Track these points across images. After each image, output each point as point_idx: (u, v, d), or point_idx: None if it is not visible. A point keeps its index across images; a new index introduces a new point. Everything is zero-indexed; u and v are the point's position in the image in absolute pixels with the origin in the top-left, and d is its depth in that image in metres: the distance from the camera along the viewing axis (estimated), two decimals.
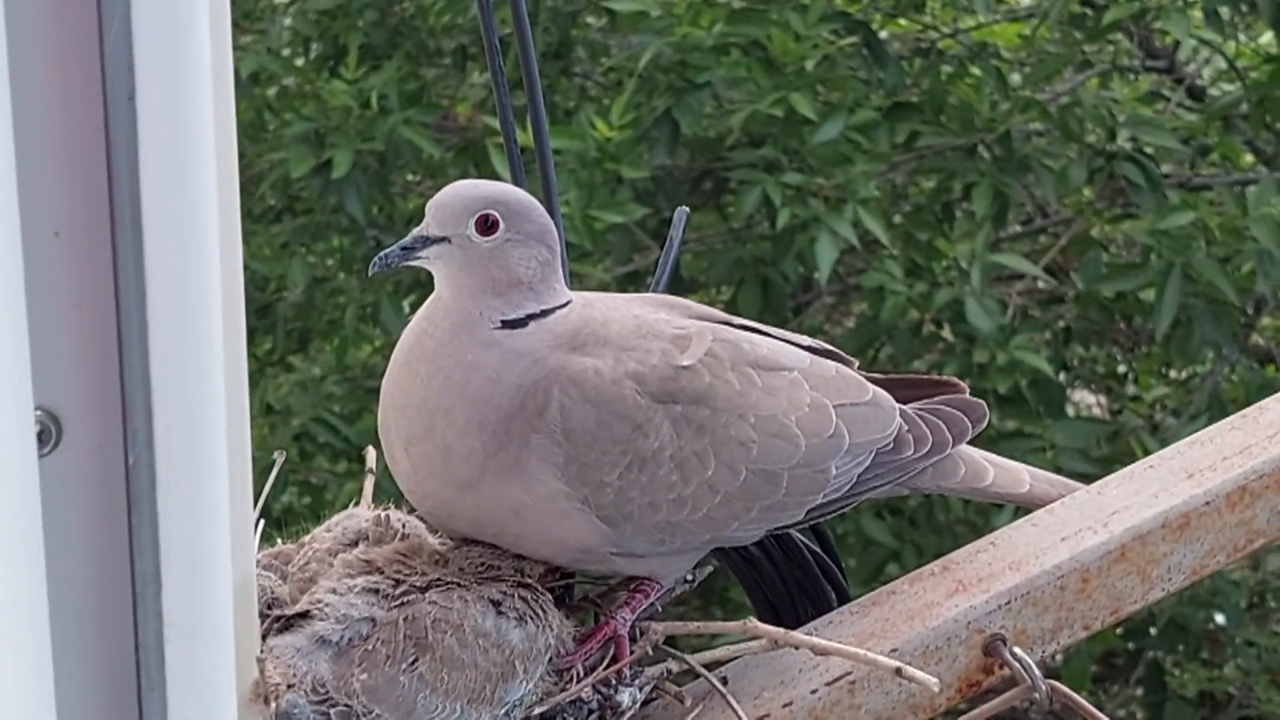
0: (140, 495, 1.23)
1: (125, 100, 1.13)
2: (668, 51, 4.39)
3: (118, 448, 1.22)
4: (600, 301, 1.65)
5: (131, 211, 1.16)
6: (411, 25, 4.60)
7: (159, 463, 1.22)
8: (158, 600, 1.23)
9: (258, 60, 4.44)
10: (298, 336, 4.76)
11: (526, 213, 1.60)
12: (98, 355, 1.21)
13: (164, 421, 1.22)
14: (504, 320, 1.58)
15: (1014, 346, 4.28)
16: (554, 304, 1.60)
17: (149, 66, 1.14)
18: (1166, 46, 4.97)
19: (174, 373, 1.21)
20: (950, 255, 4.43)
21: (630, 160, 4.39)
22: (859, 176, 4.36)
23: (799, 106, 4.35)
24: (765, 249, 4.55)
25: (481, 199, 1.58)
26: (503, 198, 1.59)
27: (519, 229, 1.59)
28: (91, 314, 1.20)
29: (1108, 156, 4.47)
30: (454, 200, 1.59)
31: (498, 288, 1.58)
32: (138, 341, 1.19)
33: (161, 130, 1.14)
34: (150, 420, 1.22)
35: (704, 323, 1.68)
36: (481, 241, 1.58)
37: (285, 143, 4.48)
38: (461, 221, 1.58)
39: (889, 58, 4.68)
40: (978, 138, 4.59)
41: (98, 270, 1.19)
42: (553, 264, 1.62)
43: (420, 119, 4.49)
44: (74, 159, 1.17)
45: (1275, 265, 4.35)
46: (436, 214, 1.59)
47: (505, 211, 1.59)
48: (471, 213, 1.58)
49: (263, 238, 4.65)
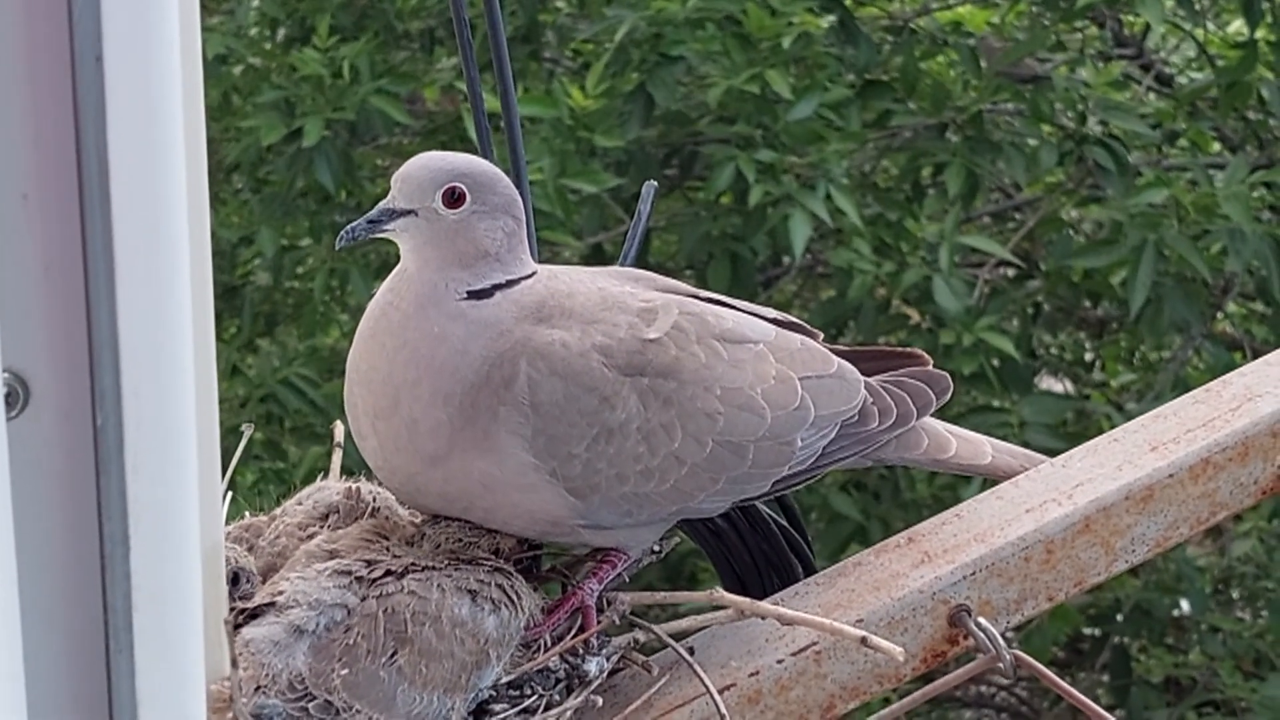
0: (108, 458, 1.23)
1: (93, 61, 1.13)
2: (642, 25, 4.39)
3: (85, 410, 1.22)
4: (565, 274, 1.66)
5: (99, 175, 1.16)
6: (379, 8, 4.60)
7: (127, 425, 1.22)
8: (126, 563, 1.23)
9: (224, 41, 4.43)
10: (264, 320, 4.75)
11: (493, 184, 1.60)
12: (66, 318, 1.21)
13: (132, 384, 1.22)
14: (469, 291, 1.58)
15: (980, 328, 4.30)
16: (519, 274, 1.61)
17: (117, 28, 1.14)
18: (1135, 34, 4.99)
19: (142, 336, 1.21)
20: (919, 235, 4.44)
21: (604, 130, 4.39)
22: (832, 155, 4.37)
23: (774, 83, 4.35)
24: (735, 225, 4.56)
25: (448, 171, 1.59)
26: (469, 170, 1.60)
27: (485, 201, 1.59)
28: (59, 277, 1.20)
29: (1078, 140, 4.49)
30: (420, 173, 1.59)
31: (464, 259, 1.58)
32: (106, 304, 1.19)
33: (129, 93, 1.14)
34: (118, 383, 1.22)
35: (670, 295, 1.69)
36: (448, 214, 1.58)
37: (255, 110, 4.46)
38: (428, 194, 1.58)
39: (862, 36, 4.69)
40: (949, 118, 4.61)
41: (66, 233, 1.19)
42: (519, 235, 1.62)
43: (393, 89, 4.48)
44: (42, 122, 1.17)
45: (1246, 244, 4.38)
46: (403, 186, 1.59)
47: (472, 184, 1.59)
48: (438, 185, 1.58)
49: (231, 206, 4.63)
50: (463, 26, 1.94)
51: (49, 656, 1.24)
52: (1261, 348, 5.14)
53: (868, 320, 4.56)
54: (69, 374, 1.21)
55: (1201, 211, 4.38)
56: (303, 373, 4.39)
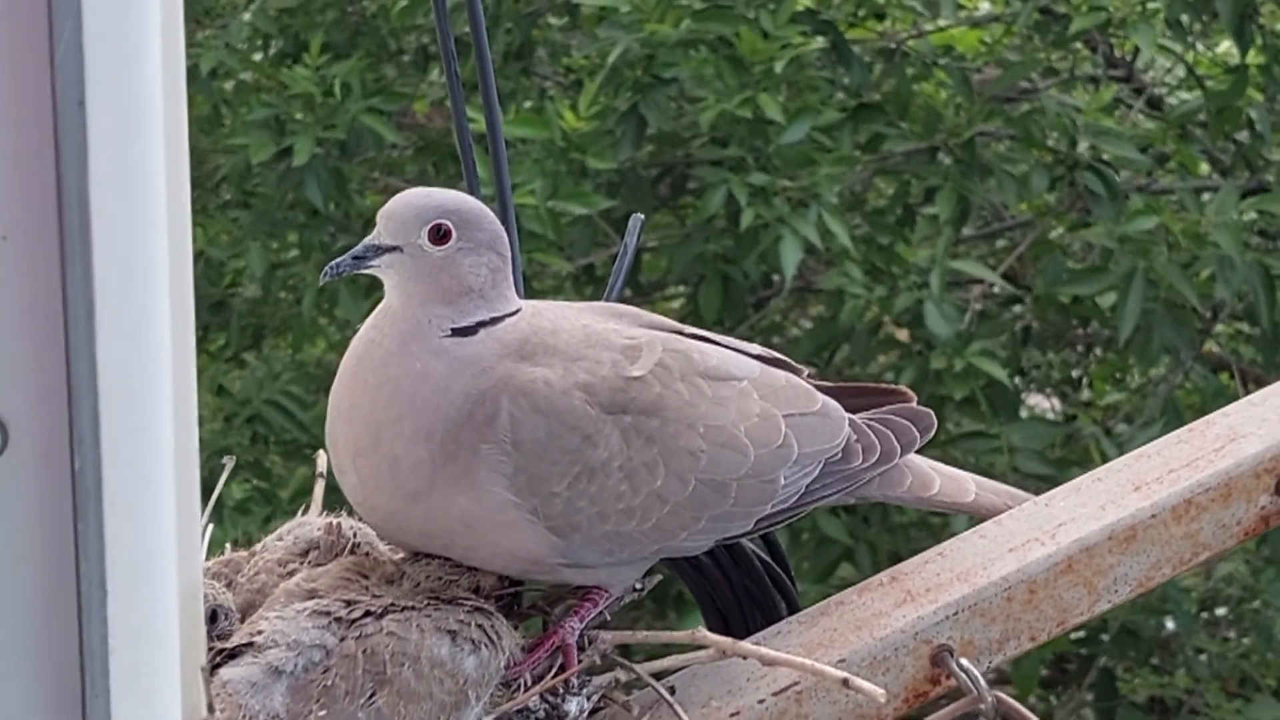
0: (86, 501, 1.23)
1: (75, 106, 1.13)
2: (635, 47, 4.40)
3: (64, 452, 1.22)
4: (549, 310, 1.66)
5: (80, 218, 1.16)
6: (372, 24, 4.60)
7: (105, 468, 1.22)
8: (103, 606, 1.23)
9: (216, 56, 4.43)
10: (252, 333, 4.75)
11: (479, 221, 1.60)
12: (45, 360, 1.21)
13: (111, 427, 1.22)
14: (453, 328, 1.58)
15: (970, 353, 4.30)
16: (504, 311, 1.61)
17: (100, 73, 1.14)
18: (1125, 55, 5.00)
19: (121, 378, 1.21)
20: (911, 260, 4.45)
21: (596, 151, 4.39)
22: (824, 179, 4.38)
23: (767, 107, 4.36)
24: (727, 246, 4.57)
25: (434, 208, 1.59)
26: (455, 206, 1.59)
27: (470, 237, 1.59)
28: (39, 319, 1.20)
29: (1069, 165, 4.50)
30: (406, 209, 1.59)
31: (448, 296, 1.58)
32: (85, 347, 1.19)
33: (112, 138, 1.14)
34: (97, 426, 1.21)
35: (654, 332, 1.69)
36: (434, 251, 1.58)
37: (245, 127, 4.47)
38: (414, 230, 1.58)
39: (854, 58, 4.70)
40: (941, 141, 4.62)
41: (46, 276, 1.19)
42: (504, 271, 1.62)
43: (384, 107, 4.49)
44: (23, 165, 1.17)
45: (1235, 271, 4.39)
46: (388, 223, 1.59)
47: (458, 220, 1.59)
48: (424, 222, 1.58)
49: (220, 224, 4.64)
50: (450, 59, 1.94)
51: (24, 699, 1.24)
52: (1249, 369, 5.15)
53: (859, 343, 4.56)
54: (48, 416, 1.21)
55: (1191, 239, 4.39)
56: (290, 390, 4.39)
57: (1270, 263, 4.50)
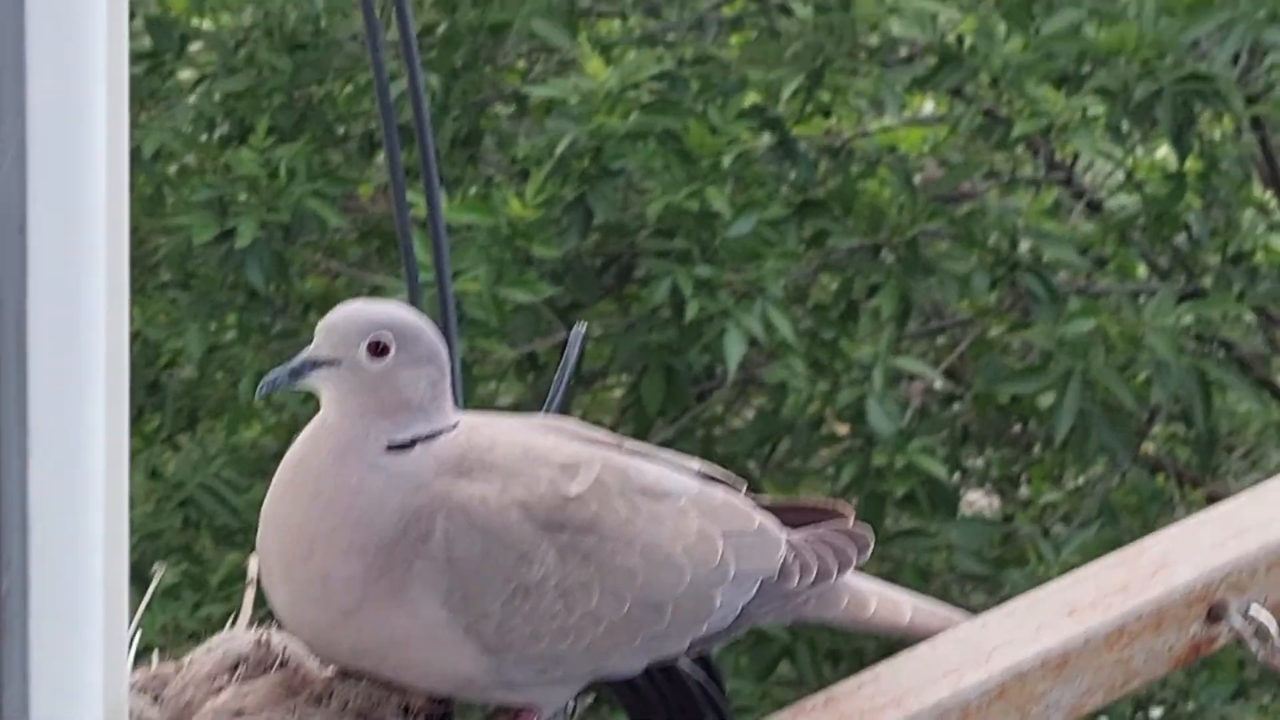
0: (12, 624, 1.21)
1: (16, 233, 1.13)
2: (583, 139, 4.42)
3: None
4: (488, 424, 1.65)
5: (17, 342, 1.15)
6: (319, 109, 4.61)
7: (32, 591, 1.21)
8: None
9: (160, 138, 4.43)
10: (187, 415, 4.72)
11: (417, 335, 1.60)
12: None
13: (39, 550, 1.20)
14: (390, 443, 1.57)
15: (911, 450, 4.32)
16: (441, 426, 1.60)
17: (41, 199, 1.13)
18: (1066, 159, 5.07)
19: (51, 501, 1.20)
20: (853, 355, 4.47)
21: (542, 240, 4.41)
22: (769, 273, 4.40)
23: (713, 201, 4.39)
24: (671, 337, 4.58)
25: (373, 322, 1.58)
26: (394, 321, 1.59)
27: (410, 351, 1.59)
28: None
29: (1009, 265, 4.55)
30: (345, 323, 1.58)
31: (386, 410, 1.57)
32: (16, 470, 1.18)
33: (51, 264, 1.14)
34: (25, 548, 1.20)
35: (593, 448, 1.69)
36: (372, 365, 1.57)
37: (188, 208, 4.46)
38: (353, 345, 1.57)
39: (800, 155, 4.74)
40: (884, 239, 4.66)
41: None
42: (442, 385, 1.61)
43: (328, 191, 4.49)
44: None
45: (1171, 375, 4.44)
46: (327, 336, 1.58)
47: (397, 334, 1.58)
48: (363, 336, 1.57)
49: (159, 304, 4.61)
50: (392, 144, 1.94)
51: None
52: (1185, 471, 5.20)
53: (801, 438, 4.58)
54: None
55: (1128, 342, 4.44)
56: (224, 474, 4.35)
57: (1206, 367, 4.56)
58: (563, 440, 1.68)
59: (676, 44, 4.85)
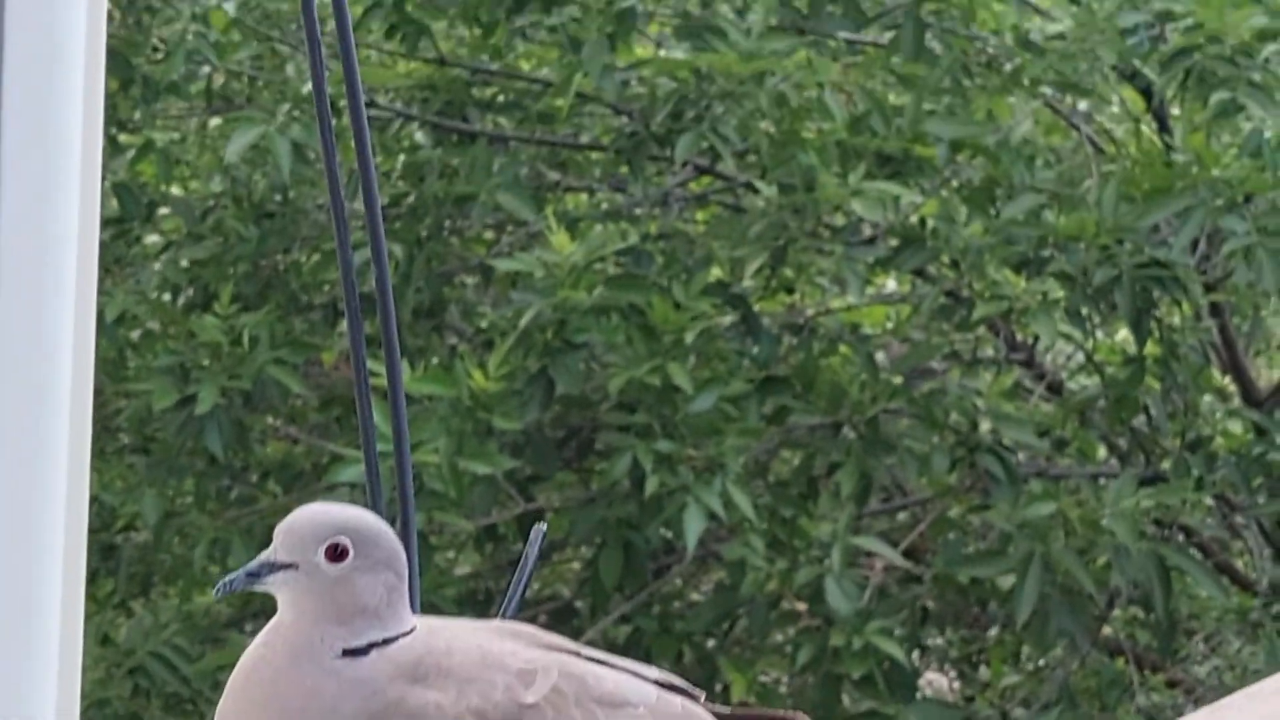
0: None
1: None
2: (547, 311, 4.44)
3: None
4: (444, 629, 1.63)
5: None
6: (284, 278, 4.63)
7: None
8: None
9: (124, 303, 4.44)
10: (141, 579, 4.67)
11: (376, 539, 1.58)
12: None
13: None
14: (345, 649, 1.54)
15: (870, 631, 4.29)
16: (397, 631, 1.57)
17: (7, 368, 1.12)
18: (1027, 339, 5.11)
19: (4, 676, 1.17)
20: (813, 534, 4.46)
21: (503, 411, 4.40)
22: (729, 449, 4.40)
23: (675, 376, 4.40)
24: (630, 511, 4.56)
25: (331, 526, 1.56)
26: (353, 525, 1.57)
27: (368, 555, 1.57)
28: None
29: (970, 447, 4.56)
30: (304, 526, 1.56)
31: (342, 615, 1.55)
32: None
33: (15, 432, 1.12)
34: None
35: (551, 654, 1.66)
36: (329, 569, 1.55)
37: (149, 373, 4.45)
38: (310, 549, 1.55)
39: (763, 331, 4.77)
40: (845, 417, 4.67)
41: None
42: (399, 590, 1.59)
43: (291, 359, 4.48)
44: None
45: (1131, 560, 4.44)
46: (285, 539, 1.56)
47: (356, 539, 1.57)
48: (320, 540, 1.55)
49: (116, 469, 4.58)
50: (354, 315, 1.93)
51: None
52: (1145, 655, 5.17)
53: (758, 615, 4.55)
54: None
55: (1088, 526, 4.44)
56: (176, 641, 4.29)
57: (1165, 552, 4.56)
58: (520, 645, 1.65)
59: (642, 219, 4.90)
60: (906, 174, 4.62)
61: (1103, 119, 5.41)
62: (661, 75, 4.71)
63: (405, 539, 1.66)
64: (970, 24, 4.86)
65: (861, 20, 4.78)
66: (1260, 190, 4.50)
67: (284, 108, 4.45)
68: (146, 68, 4.65)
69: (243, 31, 4.71)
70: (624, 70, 4.80)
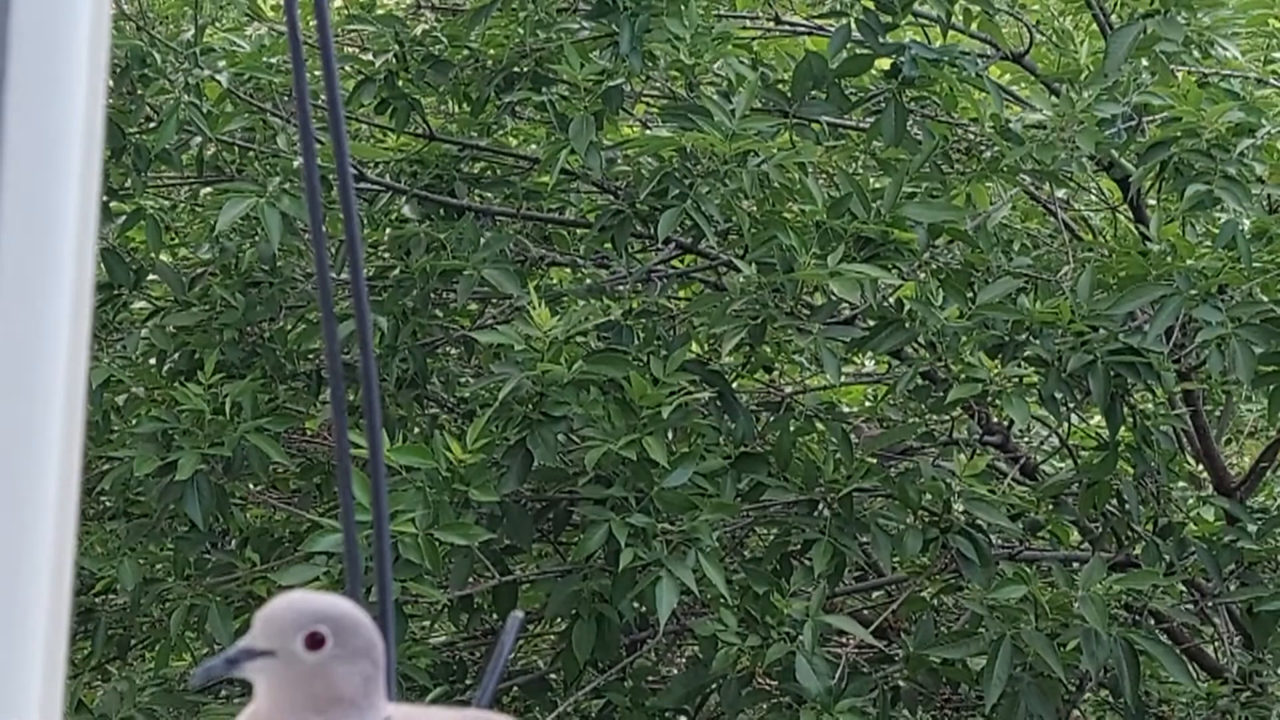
0: None
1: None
2: (527, 384, 4.47)
3: None
4: (419, 717, 1.66)
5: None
6: (268, 346, 4.66)
7: None
8: None
9: (109, 370, 4.46)
10: (118, 643, 4.67)
11: (355, 629, 1.61)
12: None
13: None
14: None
15: (840, 710, 4.32)
16: None
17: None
18: (1002, 421, 5.16)
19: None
20: (785, 611, 4.49)
21: (480, 484, 4.43)
22: (703, 525, 4.43)
23: (652, 451, 4.43)
24: (604, 585, 4.58)
25: (311, 615, 1.59)
26: (331, 614, 1.60)
27: (346, 644, 1.60)
28: None
29: (943, 528, 4.59)
30: (284, 614, 1.59)
31: (318, 704, 1.58)
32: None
33: None
34: None
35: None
36: (307, 657, 1.58)
37: (132, 440, 4.47)
38: (290, 637, 1.58)
39: (740, 409, 4.81)
40: (820, 495, 4.70)
41: None
42: (375, 679, 1.62)
43: (273, 428, 4.51)
44: None
45: (1101, 645, 4.47)
46: (264, 627, 1.59)
47: (334, 627, 1.60)
48: (300, 629, 1.59)
49: (96, 534, 4.60)
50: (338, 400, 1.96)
51: None
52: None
53: (730, 693, 4.56)
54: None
55: (1058, 610, 4.47)
56: (151, 708, 4.29)
57: (1135, 638, 4.59)
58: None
59: (625, 295, 4.95)
60: (885, 257, 4.67)
61: (1080, 206, 5.48)
62: (646, 153, 4.77)
63: (382, 613, 1.69)
64: (951, 111, 4.94)
65: (844, 105, 4.85)
66: (1234, 282, 4.56)
67: (274, 181, 4.49)
68: (139, 136, 4.70)
69: (235, 103, 4.77)
70: (610, 148, 4.87)
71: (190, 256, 5.01)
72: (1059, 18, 5.16)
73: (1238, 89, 5.00)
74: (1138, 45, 4.65)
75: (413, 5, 5.25)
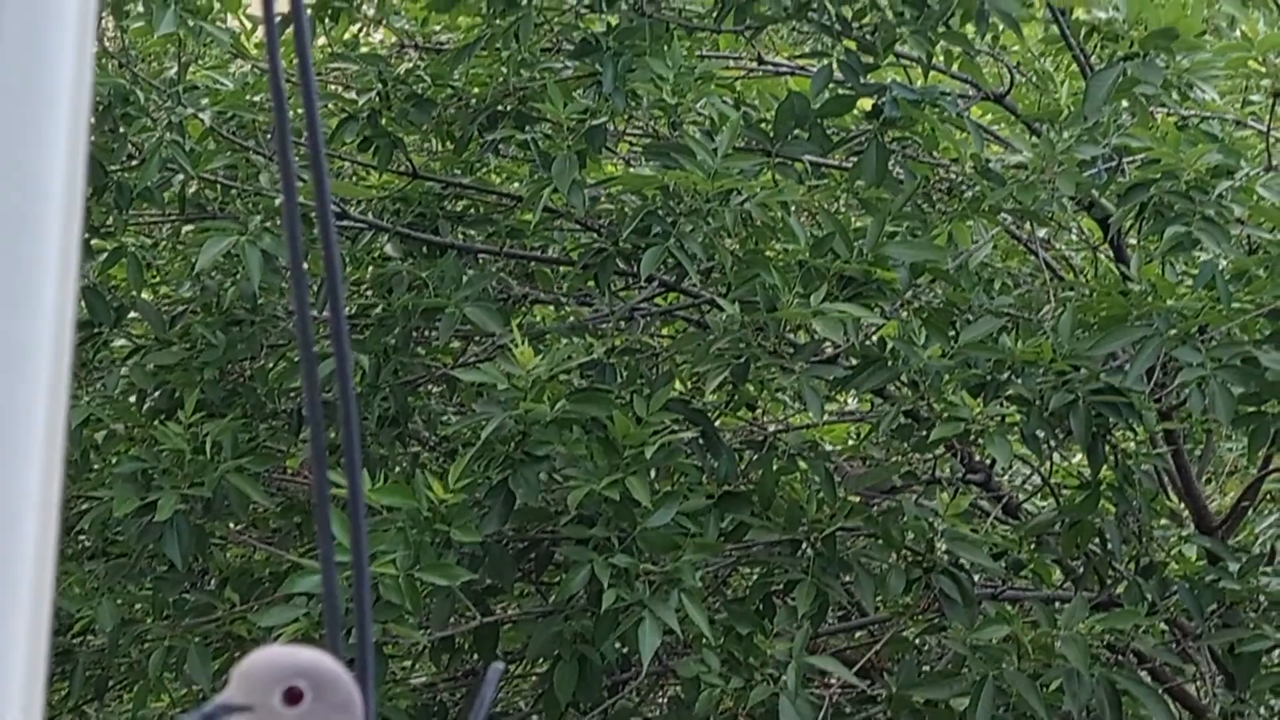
0: None
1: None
2: (510, 423, 4.46)
3: None
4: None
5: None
6: (249, 385, 4.65)
7: None
8: None
9: (89, 409, 4.44)
10: (96, 684, 4.64)
11: (333, 683, 1.60)
12: None
13: None
14: None
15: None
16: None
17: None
18: (985, 460, 5.16)
19: None
20: (768, 652, 4.47)
21: (462, 524, 4.41)
22: (686, 565, 4.42)
23: (634, 491, 4.42)
24: (586, 626, 4.56)
25: (289, 670, 1.58)
26: (310, 669, 1.59)
27: (324, 699, 1.59)
28: None
29: (925, 568, 4.59)
30: (262, 670, 1.58)
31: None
32: None
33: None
34: None
35: None
36: (285, 712, 1.57)
37: (112, 479, 4.45)
38: (269, 692, 1.57)
39: (723, 448, 4.80)
40: (803, 535, 4.69)
41: None
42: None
43: (253, 467, 4.49)
44: None
45: (1083, 686, 4.46)
46: (243, 682, 1.58)
47: (313, 682, 1.59)
48: (278, 683, 1.57)
49: (75, 574, 4.57)
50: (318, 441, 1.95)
51: None
52: None
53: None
54: None
55: (1041, 650, 4.47)
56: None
57: (1116, 678, 4.59)
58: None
59: (607, 334, 4.94)
60: (868, 295, 4.68)
61: (1061, 246, 5.50)
62: (629, 191, 4.78)
63: (361, 655, 1.68)
64: (932, 151, 4.95)
65: (826, 145, 4.87)
66: (1214, 322, 4.57)
67: (256, 219, 4.49)
68: (121, 174, 4.69)
69: (218, 140, 4.77)
70: (593, 186, 4.87)
71: (171, 294, 5.00)
72: (1039, 59, 5.19)
73: (1216, 131, 5.02)
74: (1118, 87, 4.67)
75: (396, 44, 5.25)
